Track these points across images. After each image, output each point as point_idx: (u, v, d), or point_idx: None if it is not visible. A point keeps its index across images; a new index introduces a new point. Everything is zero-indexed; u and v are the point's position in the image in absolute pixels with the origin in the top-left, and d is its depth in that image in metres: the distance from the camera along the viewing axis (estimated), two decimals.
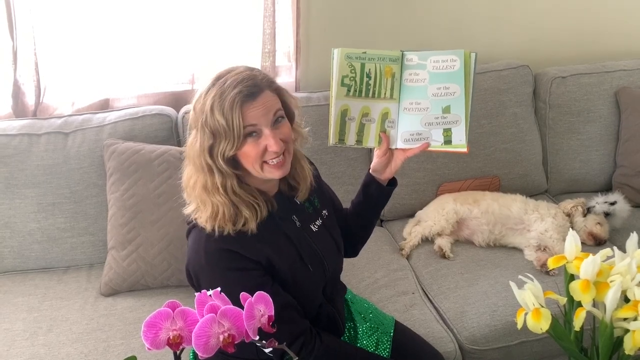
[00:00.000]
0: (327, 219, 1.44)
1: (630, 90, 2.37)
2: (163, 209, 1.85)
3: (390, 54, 1.33)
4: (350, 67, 1.33)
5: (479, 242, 2.07)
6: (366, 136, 1.37)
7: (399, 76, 1.34)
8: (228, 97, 1.18)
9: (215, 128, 1.19)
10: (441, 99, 1.33)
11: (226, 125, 1.18)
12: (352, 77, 1.33)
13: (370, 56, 1.33)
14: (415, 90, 1.34)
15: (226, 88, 1.19)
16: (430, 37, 2.47)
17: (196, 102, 1.23)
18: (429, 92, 1.33)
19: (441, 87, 1.32)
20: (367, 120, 1.36)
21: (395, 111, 1.36)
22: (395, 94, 1.35)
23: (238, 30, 2.23)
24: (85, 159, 1.97)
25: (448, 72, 1.32)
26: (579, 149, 2.38)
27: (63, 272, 1.98)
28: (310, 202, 1.42)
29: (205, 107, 1.20)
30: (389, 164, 1.43)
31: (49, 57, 2.08)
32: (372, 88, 1.34)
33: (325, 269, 1.39)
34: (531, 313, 1.05)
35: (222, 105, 1.18)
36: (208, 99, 1.20)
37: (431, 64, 1.32)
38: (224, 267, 1.24)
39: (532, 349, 1.76)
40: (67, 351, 1.64)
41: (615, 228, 2.12)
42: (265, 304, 0.94)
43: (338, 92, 1.33)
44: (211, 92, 1.20)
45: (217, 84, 1.21)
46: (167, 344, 0.88)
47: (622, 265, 1.06)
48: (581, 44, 2.61)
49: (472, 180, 2.25)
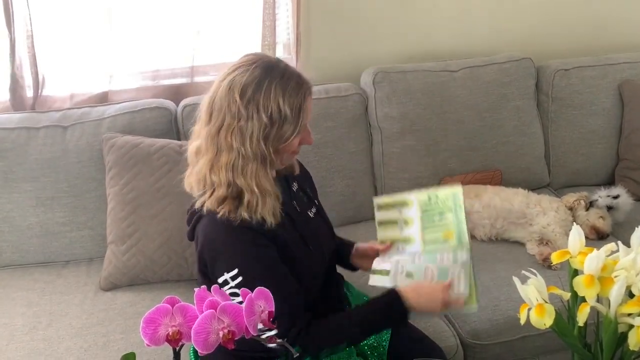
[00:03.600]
0: (319, 207, 1.49)
1: (633, 83, 2.35)
2: (162, 203, 1.84)
3: None
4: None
5: (481, 237, 2.06)
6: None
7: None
8: (295, 88, 1.24)
9: (275, 115, 1.22)
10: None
11: (291, 114, 1.22)
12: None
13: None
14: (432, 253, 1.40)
15: (290, 79, 1.24)
16: (432, 30, 2.45)
17: (243, 89, 1.22)
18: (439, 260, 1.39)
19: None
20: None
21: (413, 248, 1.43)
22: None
23: (237, 23, 2.21)
24: (84, 153, 1.96)
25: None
26: (582, 142, 2.37)
27: (62, 266, 1.97)
28: (304, 192, 1.47)
29: (263, 93, 1.21)
30: (366, 259, 1.51)
31: (47, 50, 2.06)
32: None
33: (324, 253, 1.43)
34: (535, 308, 1.04)
35: (289, 94, 1.22)
36: (270, 88, 1.22)
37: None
38: (245, 241, 1.25)
39: (534, 343, 1.76)
40: (67, 346, 1.64)
41: (618, 222, 2.11)
42: (266, 300, 0.93)
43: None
44: (270, 81, 1.22)
45: (273, 72, 1.23)
46: (166, 340, 0.87)
47: (627, 260, 1.05)
48: (584, 36, 2.59)
49: (473, 174, 2.24)
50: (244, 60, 1.27)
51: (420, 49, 2.44)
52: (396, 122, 2.18)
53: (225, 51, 2.22)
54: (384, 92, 2.18)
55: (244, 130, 1.22)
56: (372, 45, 2.40)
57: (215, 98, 1.25)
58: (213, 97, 1.26)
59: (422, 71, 2.23)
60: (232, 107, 1.22)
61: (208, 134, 1.26)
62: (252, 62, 1.26)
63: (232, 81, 1.24)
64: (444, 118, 2.21)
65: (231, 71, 1.26)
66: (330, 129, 2.13)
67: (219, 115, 1.24)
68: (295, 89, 1.24)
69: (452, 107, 2.22)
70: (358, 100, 2.19)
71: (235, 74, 1.24)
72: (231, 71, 1.26)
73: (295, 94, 1.24)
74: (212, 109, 1.26)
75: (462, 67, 2.27)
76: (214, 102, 1.26)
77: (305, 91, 1.27)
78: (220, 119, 1.24)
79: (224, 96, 1.24)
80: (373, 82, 2.19)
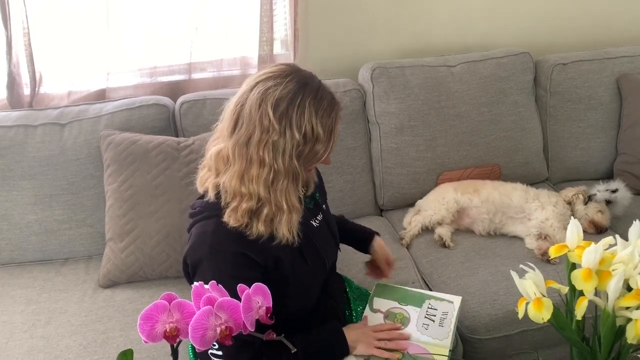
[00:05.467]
0: (326, 213, 1.44)
1: (631, 77, 2.35)
2: (161, 200, 1.83)
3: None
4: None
5: (480, 231, 2.06)
6: None
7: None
8: (328, 109, 1.21)
9: (308, 134, 1.19)
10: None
11: (323, 134, 1.20)
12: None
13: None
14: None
15: (323, 98, 1.21)
16: (430, 25, 2.44)
17: (276, 103, 1.17)
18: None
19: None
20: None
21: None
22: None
23: (235, 19, 2.21)
24: (82, 150, 1.96)
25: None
26: (580, 136, 2.37)
27: (61, 264, 1.97)
28: (312, 197, 1.41)
29: (297, 110, 1.18)
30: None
31: (44, 47, 2.06)
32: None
33: (325, 264, 1.39)
34: (532, 303, 1.04)
35: (321, 115, 1.20)
36: (304, 105, 1.18)
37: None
38: (224, 270, 1.21)
39: (533, 337, 1.76)
40: (66, 343, 1.64)
41: (616, 216, 2.11)
42: (263, 296, 0.93)
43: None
44: (303, 98, 1.19)
45: (307, 89, 1.20)
46: (164, 336, 0.87)
47: (625, 253, 1.05)
48: (582, 30, 2.59)
49: (472, 169, 2.24)
50: (277, 70, 1.22)
51: (418, 44, 2.43)
52: (394, 117, 2.18)
53: (222, 48, 2.22)
54: (382, 87, 2.18)
55: (278, 146, 1.18)
56: (370, 40, 2.39)
57: (244, 105, 1.19)
58: (241, 102, 1.20)
59: (420, 66, 2.23)
60: (263, 120, 1.17)
61: (236, 143, 1.20)
62: (286, 74, 1.20)
63: (264, 92, 1.18)
64: (442, 113, 2.20)
65: (263, 79, 1.20)
66: None
67: (248, 125, 1.18)
68: (328, 110, 1.21)
69: (450, 102, 2.21)
70: (356, 95, 2.19)
71: (269, 85, 1.18)
72: (263, 79, 1.20)
73: (328, 115, 1.21)
74: (240, 117, 1.20)
75: (460, 62, 2.27)
76: (242, 109, 1.20)
77: (338, 112, 1.24)
78: (249, 129, 1.18)
79: (255, 106, 1.18)
80: (371, 77, 2.19)
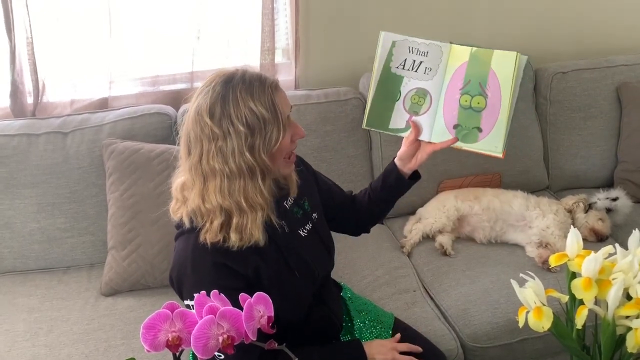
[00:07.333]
0: (317, 222, 1.42)
1: (631, 86, 2.36)
2: (163, 208, 1.83)
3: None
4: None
5: (480, 239, 2.06)
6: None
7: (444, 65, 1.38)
8: (260, 87, 1.20)
9: (253, 122, 1.18)
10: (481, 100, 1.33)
11: (267, 113, 1.19)
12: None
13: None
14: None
15: (252, 81, 1.20)
16: (430, 33, 2.45)
17: (210, 110, 1.19)
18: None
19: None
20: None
21: (435, 98, 1.36)
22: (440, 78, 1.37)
23: (237, 28, 2.22)
24: (85, 159, 1.97)
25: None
26: (580, 144, 2.37)
27: (63, 272, 1.98)
28: (300, 206, 1.39)
29: (231, 105, 1.18)
30: (415, 155, 1.43)
31: (47, 56, 2.07)
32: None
33: (314, 275, 1.37)
34: (532, 311, 1.05)
35: (257, 95, 1.19)
36: (236, 97, 1.18)
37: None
38: (209, 282, 1.20)
39: (533, 346, 1.76)
40: (68, 351, 1.64)
41: (617, 224, 2.11)
42: (265, 305, 0.93)
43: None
44: (233, 91, 1.18)
45: (233, 82, 1.19)
46: (166, 345, 0.88)
47: (625, 262, 1.05)
48: (582, 38, 2.60)
49: (472, 177, 2.24)
50: (201, 85, 1.24)
51: None
52: None
53: (224, 57, 2.23)
54: None
55: (224, 149, 1.18)
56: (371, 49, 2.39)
57: (189, 130, 1.22)
58: (187, 130, 1.23)
59: None
60: (205, 131, 1.19)
61: (191, 166, 1.22)
62: (209, 82, 1.22)
63: (197, 107, 1.20)
64: None
65: (194, 99, 1.23)
66: (330, 133, 2.14)
67: (196, 144, 1.21)
68: (261, 87, 1.20)
69: None
70: (357, 104, 2.19)
71: (199, 99, 1.21)
72: (194, 99, 1.23)
73: (262, 91, 1.20)
74: (189, 141, 1.22)
75: None
76: (188, 134, 1.22)
77: (271, 85, 1.22)
78: (198, 148, 1.20)
79: (194, 124, 1.20)
80: None
